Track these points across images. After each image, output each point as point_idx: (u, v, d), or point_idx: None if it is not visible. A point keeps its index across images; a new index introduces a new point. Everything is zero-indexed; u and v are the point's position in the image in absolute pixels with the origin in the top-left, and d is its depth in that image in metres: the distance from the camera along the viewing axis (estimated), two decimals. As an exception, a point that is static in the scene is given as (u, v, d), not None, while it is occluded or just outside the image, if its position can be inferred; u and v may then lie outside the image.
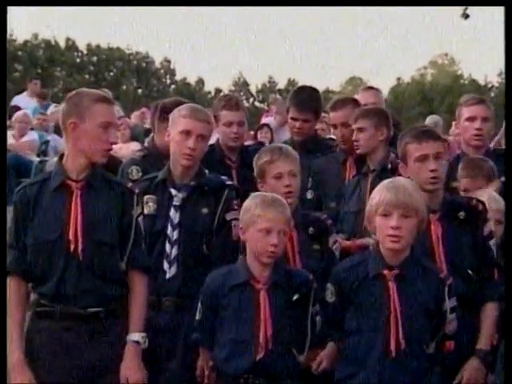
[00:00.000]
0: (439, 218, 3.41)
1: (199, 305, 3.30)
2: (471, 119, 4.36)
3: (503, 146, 5.37)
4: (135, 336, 3.16)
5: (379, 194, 3.12)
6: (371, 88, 5.52)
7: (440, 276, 3.17)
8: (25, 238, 3.18)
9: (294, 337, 3.25)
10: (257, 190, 3.58)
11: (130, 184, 3.38)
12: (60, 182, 3.19)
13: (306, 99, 4.79)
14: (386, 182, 3.20)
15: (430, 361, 3.14)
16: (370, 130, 4.28)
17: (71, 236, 3.10)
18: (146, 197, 3.63)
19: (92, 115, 3.17)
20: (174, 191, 3.64)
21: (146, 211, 3.58)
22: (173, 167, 3.72)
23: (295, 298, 3.22)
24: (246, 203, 3.30)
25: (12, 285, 3.19)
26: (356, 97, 5.10)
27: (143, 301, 3.23)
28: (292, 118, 4.78)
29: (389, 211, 3.07)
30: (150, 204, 3.65)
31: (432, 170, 3.39)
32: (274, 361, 3.15)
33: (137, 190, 3.32)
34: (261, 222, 3.20)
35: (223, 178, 3.87)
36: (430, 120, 9.00)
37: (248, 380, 3.14)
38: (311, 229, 3.60)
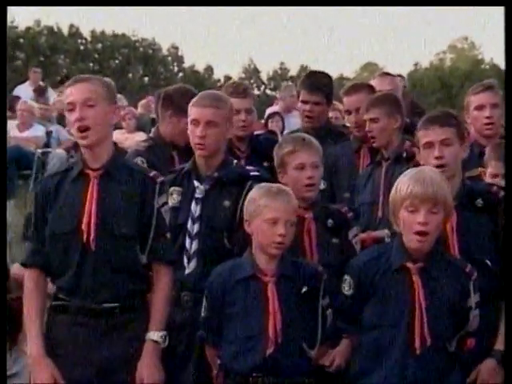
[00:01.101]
0: (455, 206, 3.33)
1: (204, 301, 3.29)
2: (480, 108, 4.32)
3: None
4: (154, 335, 3.12)
5: (406, 186, 3.06)
6: (387, 74, 5.48)
7: (466, 270, 3.12)
8: (44, 229, 3.20)
9: (305, 331, 3.23)
10: (268, 181, 3.56)
11: (152, 173, 3.30)
12: (78, 171, 3.21)
13: (317, 81, 4.80)
14: (412, 172, 3.14)
15: (452, 358, 3.11)
16: (383, 119, 4.26)
17: (84, 227, 3.10)
18: (171, 188, 3.62)
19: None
20: (196, 183, 3.64)
21: (170, 203, 3.56)
22: (197, 158, 3.71)
23: (304, 290, 3.21)
24: (251, 194, 3.29)
25: (30, 278, 3.21)
26: (372, 83, 5.08)
27: (165, 298, 3.19)
28: (302, 102, 4.79)
29: (416, 206, 3.02)
30: (175, 196, 3.65)
31: (437, 158, 3.35)
32: (285, 356, 3.13)
33: (161, 179, 3.26)
34: (266, 212, 3.18)
35: (249, 168, 3.85)
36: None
37: (257, 379, 3.12)
38: (330, 221, 3.59)
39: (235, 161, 3.81)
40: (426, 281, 3.06)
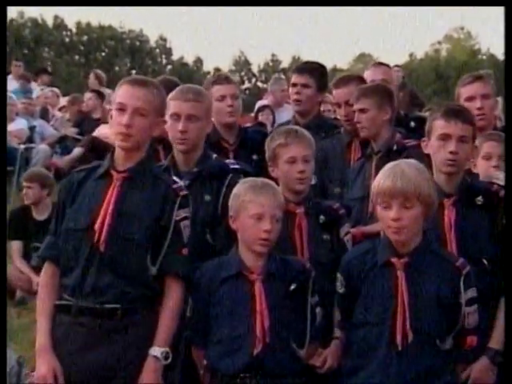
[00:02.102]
0: (454, 202, 3.38)
1: (189, 301, 3.28)
2: (470, 99, 4.31)
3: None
4: (155, 351, 3.11)
5: (378, 182, 3.09)
6: (381, 64, 5.45)
7: (456, 265, 3.11)
8: (62, 224, 3.23)
9: (293, 330, 3.23)
10: (258, 175, 3.56)
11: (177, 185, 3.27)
12: (104, 170, 3.23)
13: (306, 65, 4.91)
14: (386, 167, 3.16)
15: (445, 357, 3.10)
16: (373, 110, 4.26)
17: (97, 227, 3.11)
18: None
19: (114, 99, 3.23)
20: (176, 179, 3.63)
21: None
22: (176, 154, 3.74)
23: (292, 287, 3.21)
24: (235, 190, 3.29)
25: (45, 272, 3.26)
26: (366, 73, 5.08)
27: (173, 315, 3.16)
28: (292, 85, 4.86)
29: (387, 202, 3.04)
30: None
31: (451, 152, 3.36)
32: (273, 356, 3.13)
33: (184, 192, 3.26)
34: (252, 207, 3.19)
35: (229, 161, 3.88)
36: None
37: (245, 380, 3.12)
38: (322, 217, 3.59)
39: (214, 155, 3.81)
40: (412, 276, 3.07)
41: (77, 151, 9.47)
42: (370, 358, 3.08)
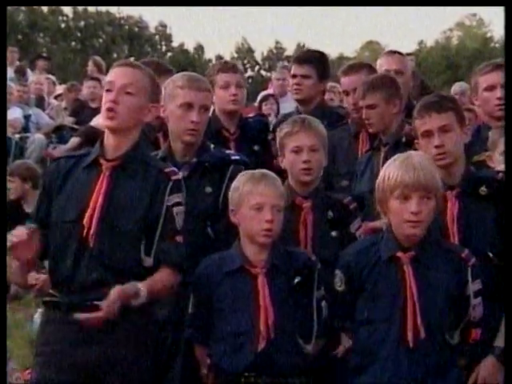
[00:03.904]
0: (457, 194, 3.39)
1: (191, 297, 3.28)
2: (490, 88, 4.29)
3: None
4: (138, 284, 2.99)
5: (395, 174, 3.07)
6: (395, 52, 5.37)
7: (462, 256, 3.13)
8: (45, 212, 3.21)
9: (299, 325, 3.23)
10: (260, 166, 3.57)
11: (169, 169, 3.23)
12: (92, 159, 3.20)
13: (307, 54, 4.91)
14: (399, 159, 3.13)
15: (452, 352, 3.12)
16: (381, 105, 4.24)
17: (86, 221, 3.08)
18: None
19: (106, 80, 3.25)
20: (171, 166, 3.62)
21: None
22: (173, 144, 3.72)
23: (296, 280, 3.21)
24: (235, 182, 3.30)
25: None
26: (378, 62, 5.06)
27: (162, 285, 3.08)
28: (292, 76, 4.85)
29: (408, 195, 3.03)
30: None
31: (437, 146, 3.37)
32: (278, 352, 3.13)
33: (177, 176, 3.21)
34: (251, 198, 3.20)
35: (229, 152, 3.88)
36: (456, 87, 8.96)
37: (250, 378, 3.12)
38: (330, 213, 3.59)
39: (212, 145, 3.81)
40: (418, 270, 3.07)
41: (73, 141, 9.44)
42: (376, 356, 3.08)
